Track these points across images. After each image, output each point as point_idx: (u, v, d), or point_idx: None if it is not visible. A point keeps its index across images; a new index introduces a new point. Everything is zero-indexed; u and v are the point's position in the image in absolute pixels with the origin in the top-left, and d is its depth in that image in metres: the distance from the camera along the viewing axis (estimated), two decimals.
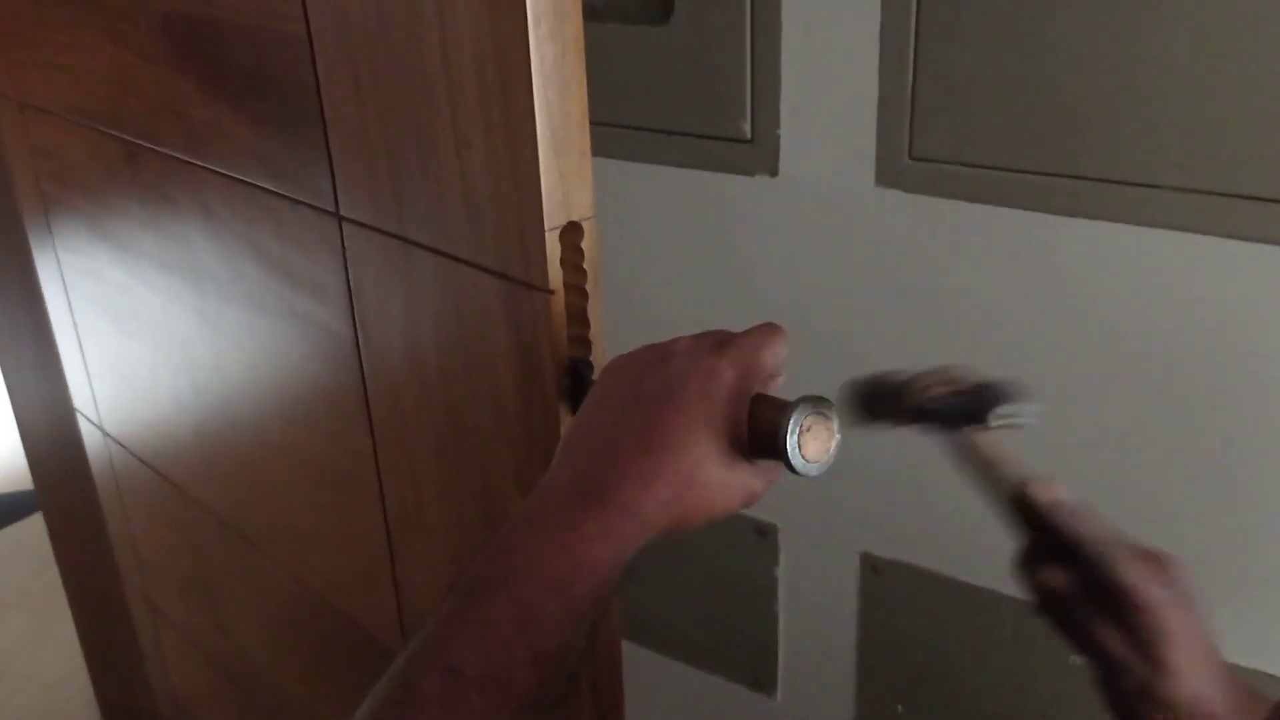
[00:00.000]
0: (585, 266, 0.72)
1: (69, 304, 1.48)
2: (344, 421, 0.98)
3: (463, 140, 0.72)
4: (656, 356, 0.62)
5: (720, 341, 0.61)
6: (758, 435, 0.60)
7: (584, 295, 0.72)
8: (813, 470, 0.60)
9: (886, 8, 1.05)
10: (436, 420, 0.87)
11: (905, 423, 0.72)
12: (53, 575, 2.17)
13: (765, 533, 1.38)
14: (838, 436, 0.62)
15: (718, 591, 1.45)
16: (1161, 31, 0.92)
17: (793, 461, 0.59)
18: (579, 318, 0.72)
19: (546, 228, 0.69)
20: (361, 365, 0.92)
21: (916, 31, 1.05)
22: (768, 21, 1.13)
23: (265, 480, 1.18)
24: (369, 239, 0.85)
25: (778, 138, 1.16)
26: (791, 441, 0.59)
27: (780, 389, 0.63)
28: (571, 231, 0.71)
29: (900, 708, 1.36)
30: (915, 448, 1.22)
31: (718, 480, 0.59)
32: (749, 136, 1.18)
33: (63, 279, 1.46)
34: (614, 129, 1.25)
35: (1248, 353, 0.97)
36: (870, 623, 1.34)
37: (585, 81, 0.68)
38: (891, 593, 1.30)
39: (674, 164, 1.24)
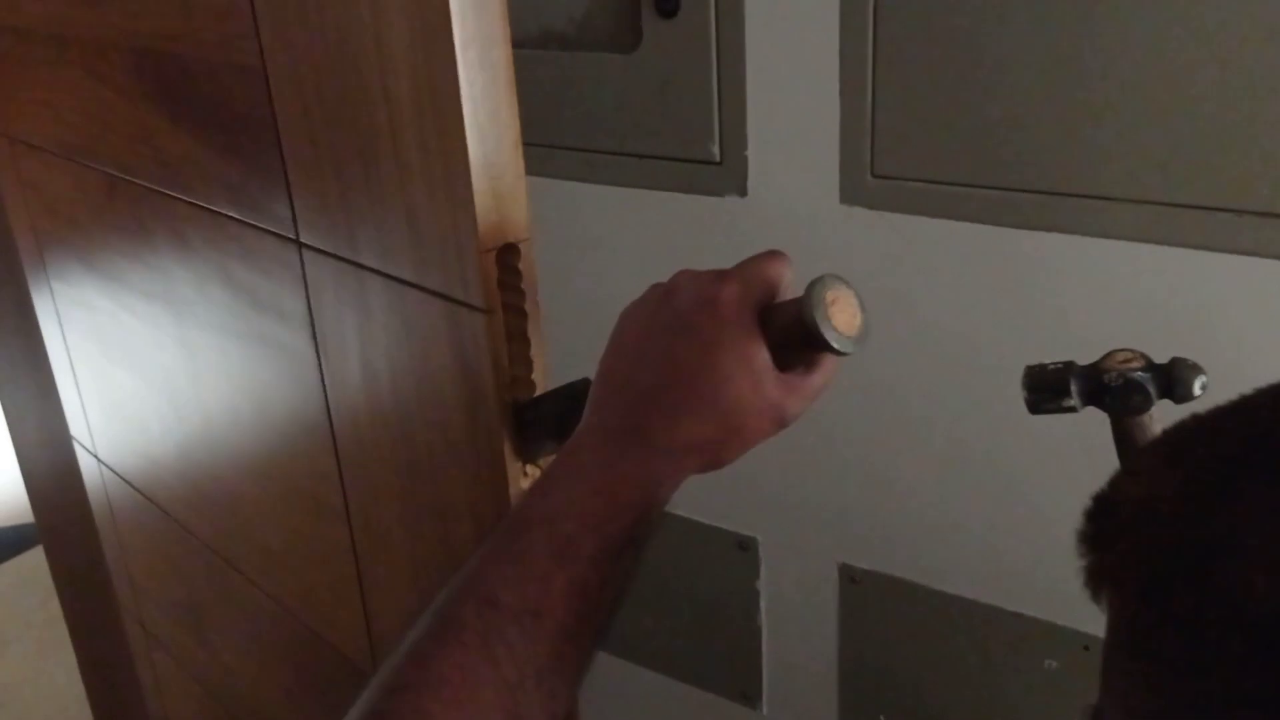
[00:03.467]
0: (523, 287, 0.73)
1: (63, 334, 1.51)
2: (311, 443, 1.00)
3: (404, 166, 0.74)
4: (661, 293, 0.62)
5: (722, 270, 0.60)
6: (782, 336, 0.57)
7: (523, 315, 0.74)
8: (849, 345, 0.56)
9: (845, 32, 1.07)
10: (393, 440, 0.88)
11: (1093, 402, 0.69)
12: (55, 608, 2.19)
13: (746, 546, 1.38)
14: (863, 312, 0.57)
15: (701, 605, 1.46)
16: (1111, 49, 0.93)
17: (827, 336, 0.55)
18: (519, 336, 0.74)
19: (483, 249, 0.71)
20: (325, 388, 0.94)
21: (874, 54, 1.06)
22: (732, 47, 1.15)
23: (242, 503, 1.20)
24: (325, 264, 0.87)
25: (745, 159, 1.18)
26: (819, 315, 0.55)
27: None
28: (508, 252, 0.72)
29: (882, 716, 1.36)
30: (892, 458, 1.23)
31: (745, 404, 0.57)
32: (718, 158, 1.20)
33: (56, 310, 1.49)
34: (586, 153, 1.27)
35: (1200, 356, 0.98)
36: (850, 633, 1.34)
37: (517, 106, 0.70)
38: (870, 602, 1.31)
39: (646, 186, 1.26)
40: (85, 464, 1.63)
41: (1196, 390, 0.65)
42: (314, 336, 0.93)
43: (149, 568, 1.58)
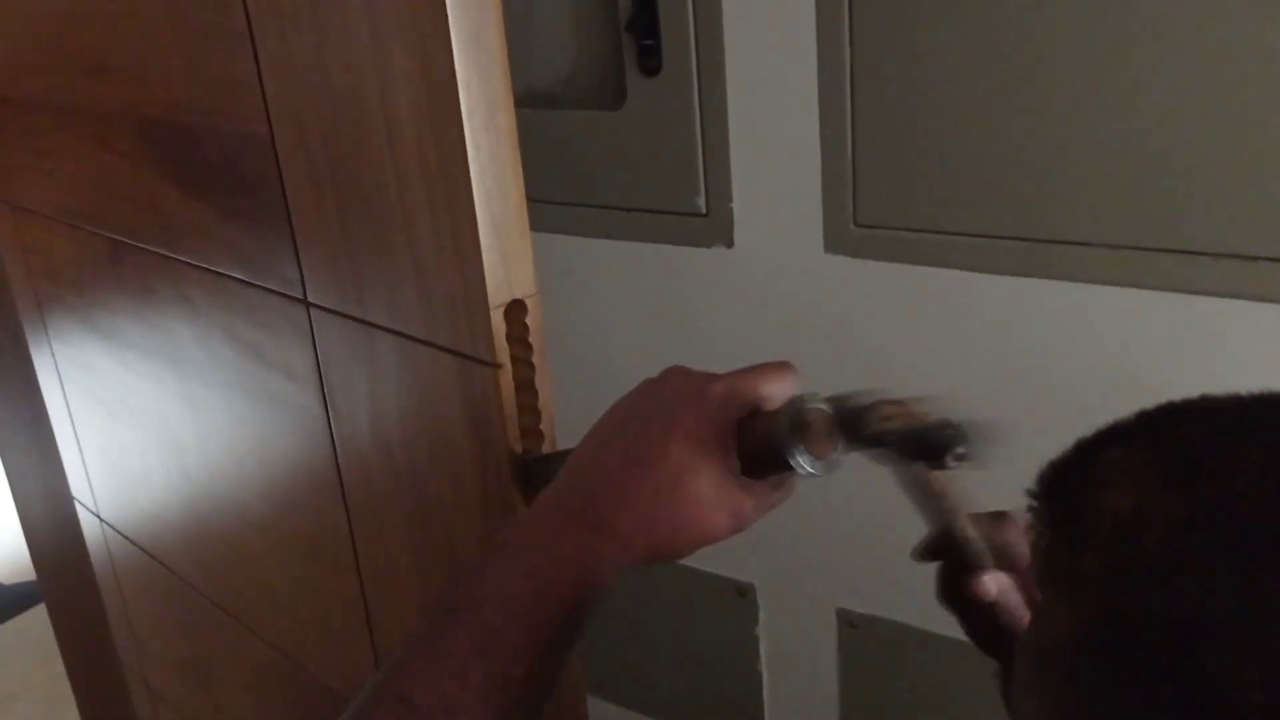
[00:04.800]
0: (531, 340, 0.76)
1: (64, 395, 1.53)
2: (319, 496, 1.02)
3: (412, 227, 0.77)
4: (651, 384, 0.62)
5: (715, 372, 0.60)
6: (754, 447, 0.57)
7: (531, 367, 0.77)
8: (820, 469, 0.56)
9: (823, 83, 1.11)
10: (404, 492, 0.91)
11: (859, 449, 0.70)
12: (57, 666, 2.19)
13: (744, 592, 1.41)
14: (841, 433, 0.57)
15: (701, 652, 1.48)
16: (1089, 96, 0.98)
17: (796, 460, 0.55)
18: (527, 388, 0.77)
19: (491, 305, 0.74)
20: (333, 442, 0.97)
21: (853, 105, 1.11)
22: (714, 102, 1.19)
23: (249, 557, 1.22)
24: (334, 322, 0.90)
25: (731, 211, 1.22)
26: (792, 439, 0.54)
27: None
28: (516, 308, 0.75)
29: None
30: (887, 503, 1.26)
31: (704, 498, 0.56)
32: (704, 210, 1.24)
33: (58, 371, 1.51)
34: (575, 207, 1.31)
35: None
36: (850, 677, 1.36)
37: (521, 167, 0.74)
38: (868, 647, 1.33)
39: (633, 238, 1.30)
40: (87, 523, 1.64)
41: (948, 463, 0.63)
42: (323, 393, 0.96)
43: (153, 625, 1.59)
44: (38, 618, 2.94)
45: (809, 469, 0.56)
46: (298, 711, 1.27)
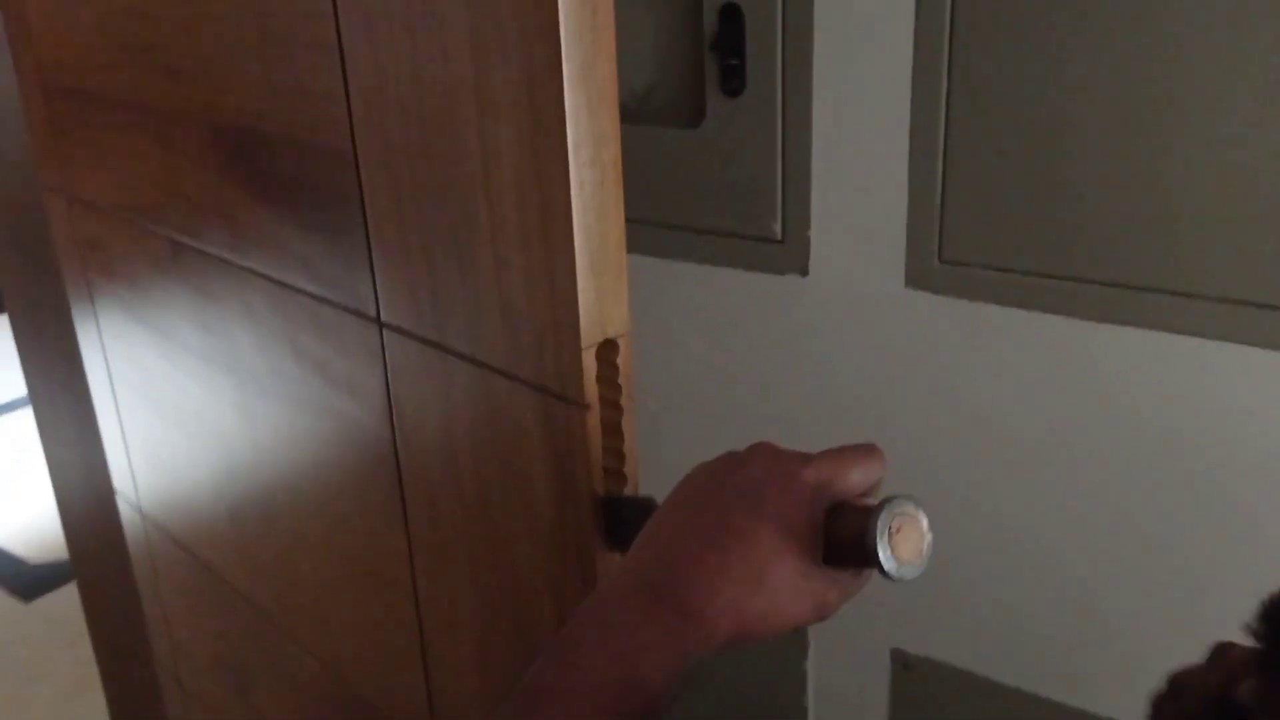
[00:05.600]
0: (620, 382, 0.73)
1: (112, 389, 1.51)
2: (379, 520, 0.99)
3: (501, 258, 0.74)
4: (737, 459, 0.60)
5: (808, 454, 0.59)
6: (840, 542, 0.57)
7: (619, 409, 0.74)
8: (908, 573, 0.56)
9: (916, 111, 1.08)
10: (471, 525, 0.88)
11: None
12: (82, 649, 2.17)
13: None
14: (929, 535, 0.58)
15: (746, 686, 1.45)
16: (1191, 140, 0.94)
17: (885, 565, 0.55)
18: (614, 431, 0.74)
19: (583, 345, 0.71)
20: (399, 466, 0.94)
21: (946, 134, 1.07)
22: (798, 124, 1.15)
23: (300, 572, 1.19)
24: (408, 345, 0.87)
25: (808, 238, 1.18)
26: (882, 543, 0.55)
27: None
28: (607, 348, 0.72)
29: None
30: (949, 542, 1.23)
31: (789, 585, 0.56)
32: (779, 237, 1.20)
33: (107, 364, 1.49)
34: (644, 225, 1.28)
35: (1275, 462, 0.98)
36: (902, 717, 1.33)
37: (623, 203, 0.71)
38: (923, 690, 1.29)
39: (705, 261, 1.26)
40: (128, 517, 1.62)
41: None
42: (390, 416, 0.93)
43: (191, 625, 1.57)
44: (63, 599, 2.93)
45: (897, 575, 0.56)
46: None
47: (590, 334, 0.71)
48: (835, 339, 1.20)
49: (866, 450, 0.60)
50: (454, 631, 0.96)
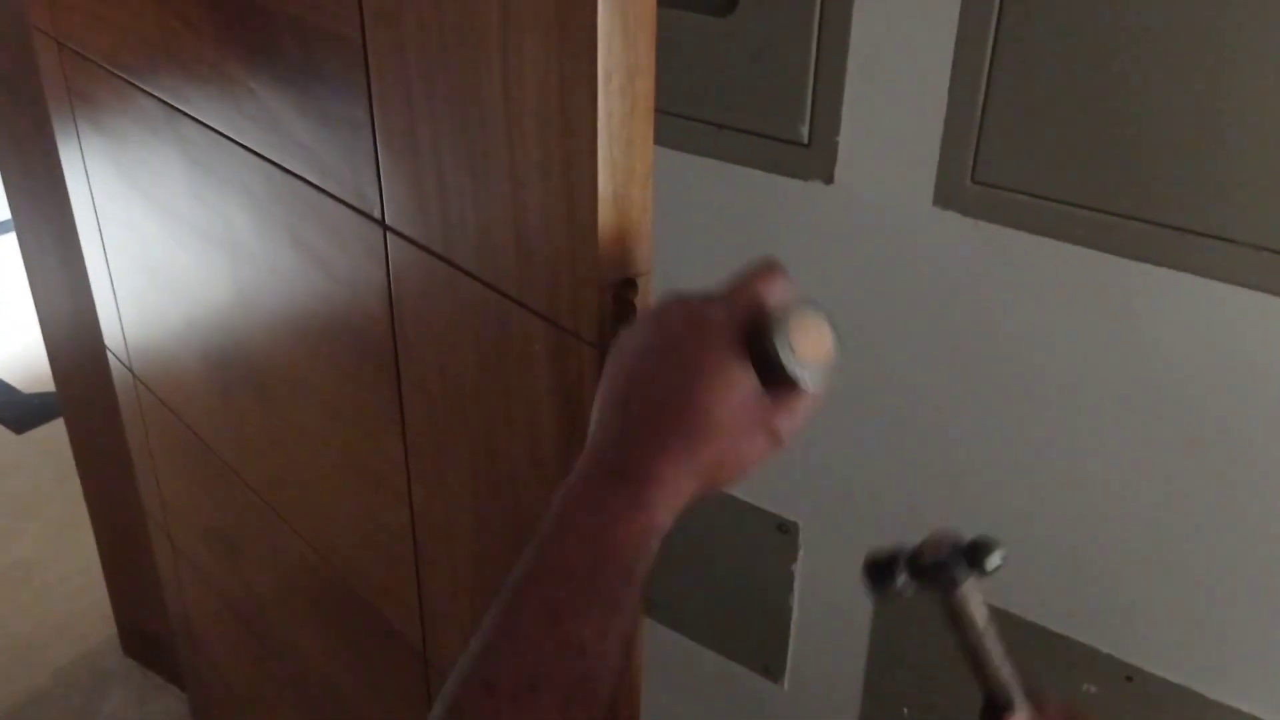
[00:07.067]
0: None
1: (104, 248, 1.46)
2: (376, 421, 0.97)
3: (519, 183, 0.69)
4: (650, 319, 0.61)
5: (714, 292, 0.59)
6: (757, 360, 0.57)
7: None
8: (812, 373, 0.56)
9: (964, 20, 1.01)
10: (472, 443, 0.85)
11: (921, 582, 0.71)
12: (73, 485, 2.17)
13: (787, 529, 1.37)
14: (832, 335, 0.58)
15: (736, 580, 1.45)
16: (1248, 83, 0.88)
17: (785, 362, 0.55)
18: None
19: (601, 284, 0.67)
20: (398, 374, 0.91)
21: (994, 49, 1.00)
22: (837, 22, 1.08)
23: (292, 457, 1.17)
24: (414, 254, 0.83)
25: (836, 145, 1.12)
26: (780, 340, 0.55)
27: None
28: (626, 287, 0.68)
29: (906, 710, 1.36)
30: (948, 465, 1.21)
31: (734, 422, 0.56)
32: (806, 140, 1.14)
33: (98, 224, 1.44)
34: (664, 115, 1.21)
35: None
36: (883, 624, 1.33)
37: (652, 137, 0.65)
38: (906, 599, 1.30)
39: (724, 159, 1.20)
40: (119, 375, 1.60)
41: (990, 565, 0.68)
42: (392, 321, 0.89)
43: (182, 488, 1.56)
44: (55, 432, 2.91)
45: (799, 374, 0.56)
46: (329, 610, 1.25)
47: (609, 273, 0.67)
48: (854, 252, 1.15)
49: (767, 268, 0.60)
50: (450, 543, 0.94)
